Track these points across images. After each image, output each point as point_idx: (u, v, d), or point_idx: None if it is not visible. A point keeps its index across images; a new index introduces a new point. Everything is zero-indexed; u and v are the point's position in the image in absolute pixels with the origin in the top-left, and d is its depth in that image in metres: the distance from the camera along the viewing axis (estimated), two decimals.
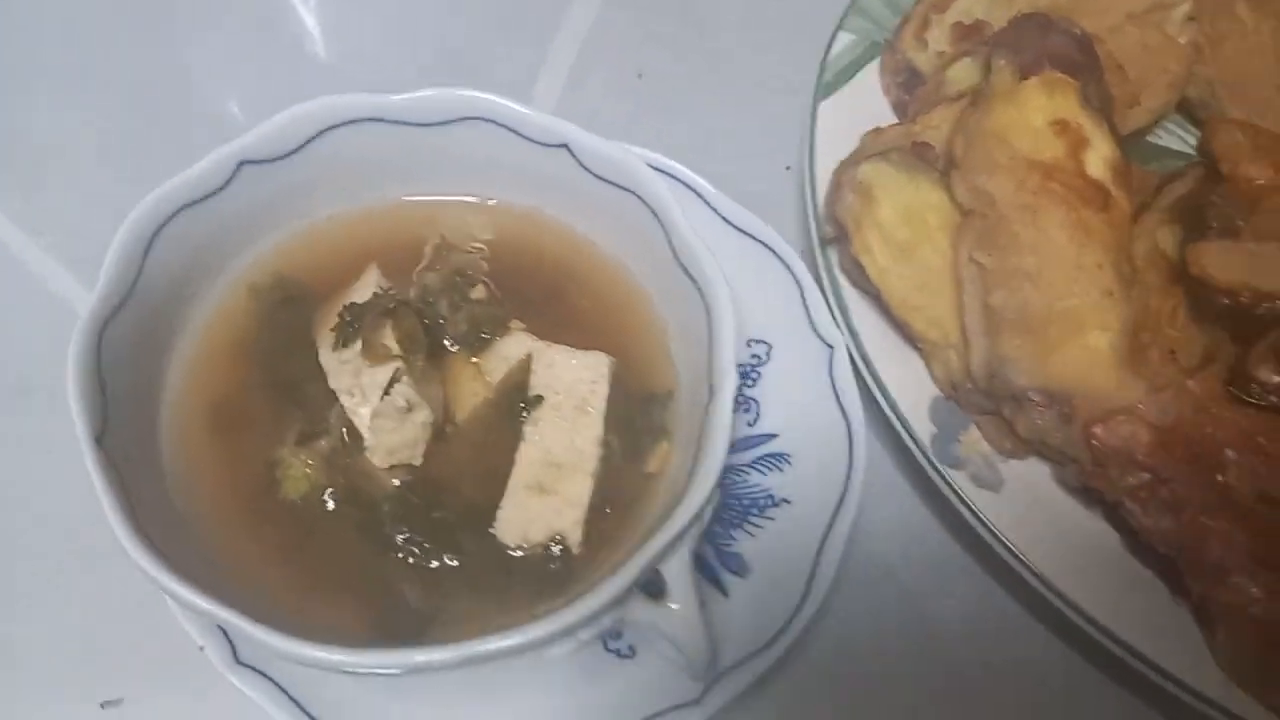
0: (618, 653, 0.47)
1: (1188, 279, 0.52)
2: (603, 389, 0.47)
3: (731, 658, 0.46)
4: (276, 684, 0.43)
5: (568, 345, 0.48)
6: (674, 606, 0.40)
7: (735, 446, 0.53)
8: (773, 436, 0.54)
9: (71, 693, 0.49)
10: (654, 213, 0.46)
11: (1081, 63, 0.55)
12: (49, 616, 0.51)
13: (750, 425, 0.54)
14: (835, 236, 0.54)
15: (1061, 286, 0.51)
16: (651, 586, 0.41)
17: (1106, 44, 0.61)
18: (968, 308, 0.52)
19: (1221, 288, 0.51)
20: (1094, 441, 0.49)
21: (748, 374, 0.55)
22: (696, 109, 0.69)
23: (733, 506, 0.52)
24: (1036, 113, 0.53)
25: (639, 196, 0.46)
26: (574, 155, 0.47)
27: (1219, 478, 0.48)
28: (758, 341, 0.56)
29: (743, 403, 0.55)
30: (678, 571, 0.40)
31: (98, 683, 0.49)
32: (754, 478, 0.53)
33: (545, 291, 0.50)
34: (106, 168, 0.64)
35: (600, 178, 0.47)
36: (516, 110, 0.47)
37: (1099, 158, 0.53)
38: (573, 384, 0.47)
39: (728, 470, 0.52)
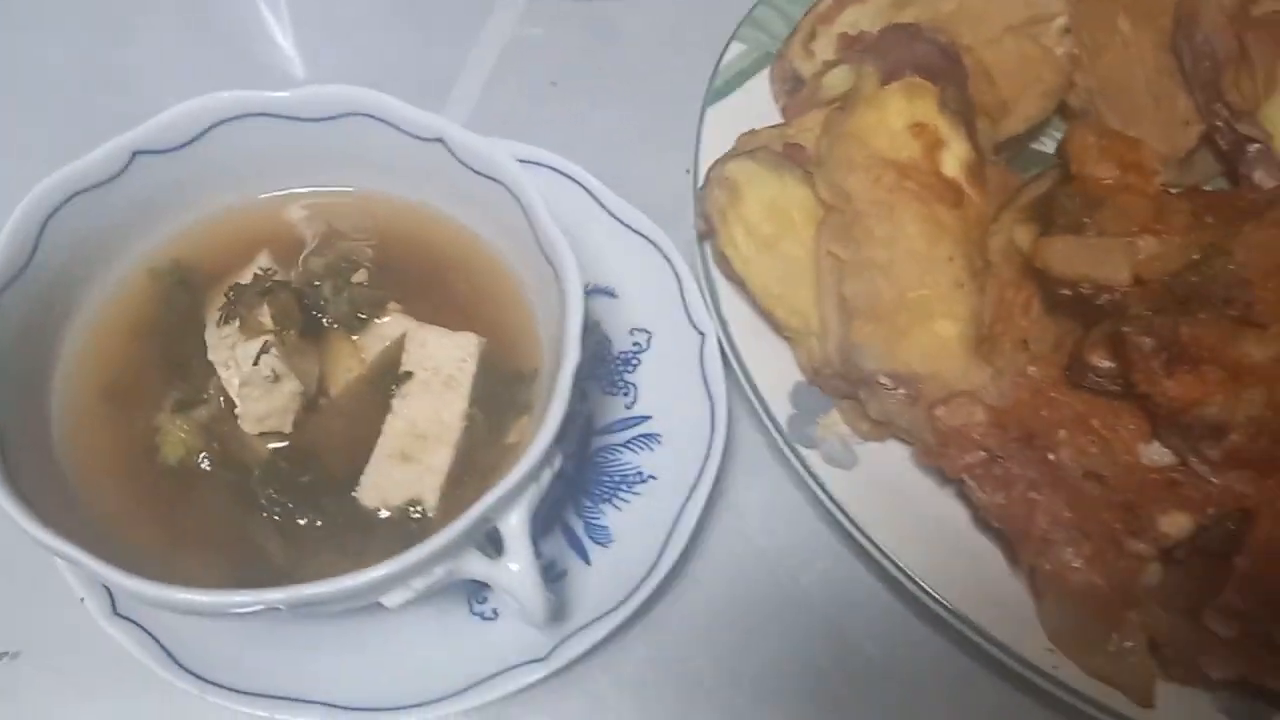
0: (481, 615, 0.51)
1: (1038, 272, 0.55)
2: (470, 367, 0.50)
3: (582, 619, 0.49)
4: (150, 634, 0.46)
5: (443, 326, 0.51)
6: (513, 567, 0.43)
7: (612, 428, 0.57)
8: (647, 418, 0.57)
9: None
10: (519, 203, 0.49)
11: (944, 70, 0.59)
12: None
13: (628, 408, 0.57)
14: (706, 230, 0.58)
15: (913, 278, 0.54)
16: (492, 544, 0.44)
17: (985, 55, 0.65)
18: (825, 297, 0.55)
19: (1062, 279, 0.54)
20: (936, 421, 0.52)
21: (629, 360, 0.59)
22: (606, 116, 0.72)
23: (604, 483, 0.55)
24: (896, 116, 0.57)
25: (506, 188, 0.50)
26: (449, 149, 0.51)
27: (1050, 456, 0.51)
28: (640, 330, 0.59)
29: (622, 387, 0.58)
30: (517, 531, 0.43)
31: None
32: (627, 456, 0.56)
33: (426, 277, 0.53)
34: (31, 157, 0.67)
35: (473, 170, 0.51)
36: (394, 105, 0.51)
37: (954, 158, 0.56)
38: (443, 362, 0.50)
39: (603, 449, 0.56)
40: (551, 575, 0.52)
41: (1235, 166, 0.67)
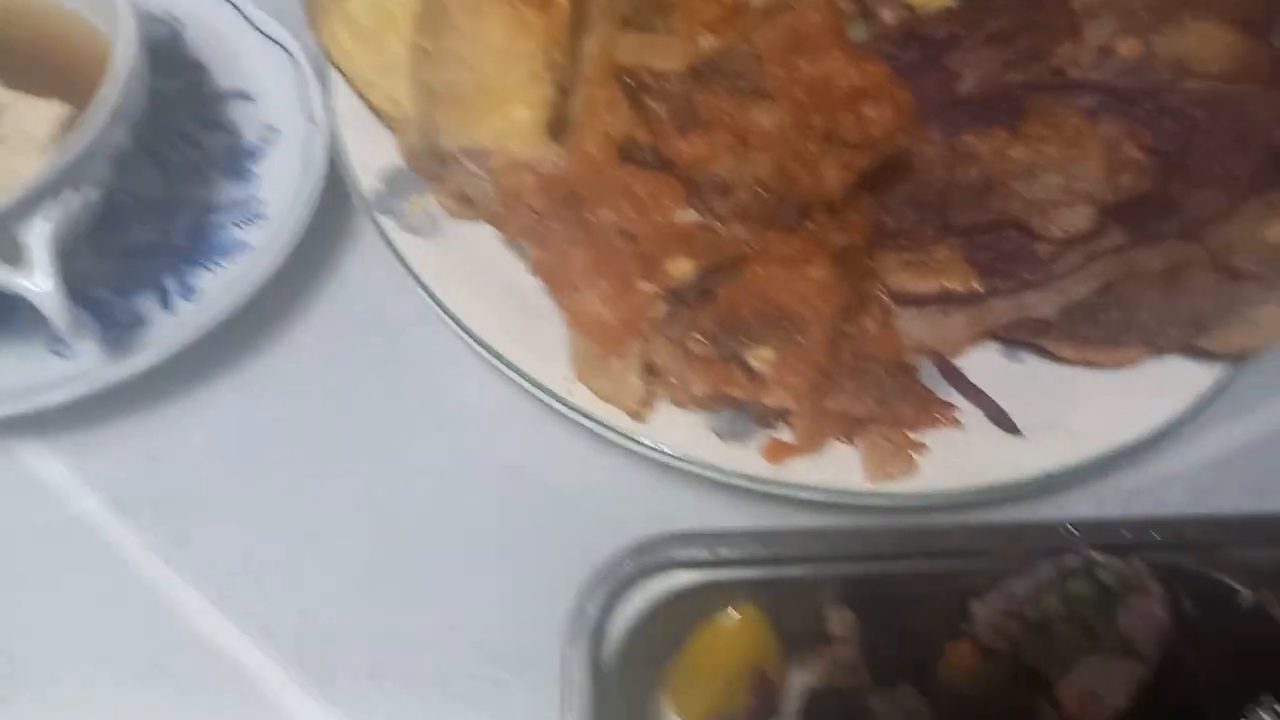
0: (59, 354, 0.55)
1: (616, 68, 0.61)
2: (50, 128, 0.54)
3: (144, 343, 0.54)
4: None
5: (36, 95, 0.56)
6: (31, 283, 0.48)
7: (230, 208, 0.62)
8: (261, 201, 0.62)
9: None
10: None
11: None
12: None
13: (245, 192, 0.62)
14: (310, 23, 0.62)
15: (491, 69, 0.59)
16: (14, 258, 0.49)
17: None
18: (414, 85, 0.60)
19: (624, 68, 0.59)
20: (497, 188, 0.57)
21: (255, 153, 0.64)
22: None
23: (206, 252, 0.60)
24: None
25: None
26: None
27: (589, 217, 0.56)
28: (270, 128, 0.64)
29: (245, 174, 0.63)
30: (38, 246, 0.48)
31: None
32: (233, 231, 0.61)
33: (28, 53, 0.58)
34: None
35: None
36: None
37: None
38: (28, 124, 0.55)
39: (216, 226, 0.61)
40: (131, 321, 0.56)
41: (868, 7, 0.73)
